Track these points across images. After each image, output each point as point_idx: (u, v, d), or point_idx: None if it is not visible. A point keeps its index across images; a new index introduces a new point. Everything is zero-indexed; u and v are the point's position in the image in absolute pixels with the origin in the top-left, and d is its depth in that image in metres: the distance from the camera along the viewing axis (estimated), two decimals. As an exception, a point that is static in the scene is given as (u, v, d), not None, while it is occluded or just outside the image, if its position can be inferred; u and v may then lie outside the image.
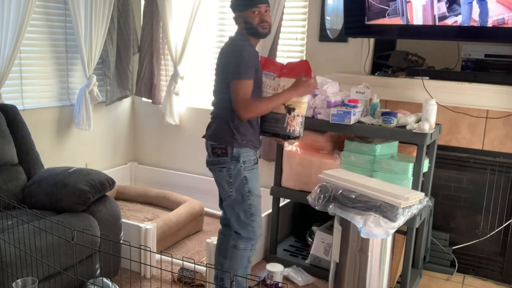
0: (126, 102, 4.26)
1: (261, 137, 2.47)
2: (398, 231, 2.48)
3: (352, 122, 2.61)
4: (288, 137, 2.34)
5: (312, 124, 2.78)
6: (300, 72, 2.30)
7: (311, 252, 2.95)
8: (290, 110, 2.28)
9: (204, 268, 2.67)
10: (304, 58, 3.49)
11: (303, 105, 2.32)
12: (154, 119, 4.24)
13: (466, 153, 2.97)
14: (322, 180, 2.41)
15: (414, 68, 3.05)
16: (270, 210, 3.06)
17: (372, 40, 3.22)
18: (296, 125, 2.31)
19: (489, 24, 2.61)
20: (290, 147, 2.98)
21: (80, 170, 2.69)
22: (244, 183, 2.27)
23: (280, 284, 2.66)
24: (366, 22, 2.94)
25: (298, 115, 2.30)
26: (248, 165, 2.28)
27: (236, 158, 2.25)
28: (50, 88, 3.55)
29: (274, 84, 2.34)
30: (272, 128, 2.34)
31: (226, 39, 2.35)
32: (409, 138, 2.52)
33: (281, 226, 3.18)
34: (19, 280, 1.53)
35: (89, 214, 2.51)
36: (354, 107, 2.65)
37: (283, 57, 3.56)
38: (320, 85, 2.74)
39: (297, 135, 2.34)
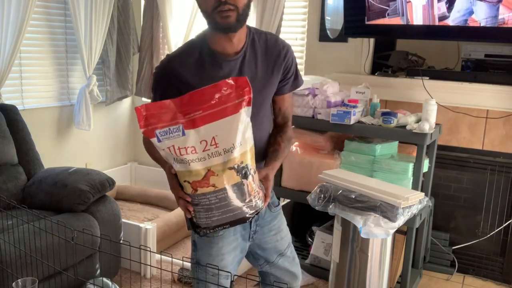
0: (126, 102, 4.26)
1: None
2: (398, 231, 2.48)
3: (352, 122, 2.61)
4: (256, 213, 1.38)
5: (312, 124, 2.78)
6: (226, 100, 1.25)
7: (311, 252, 2.95)
8: (245, 172, 1.29)
9: (204, 268, 2.67)
10: (304, 58, 3.50)
11: (251, 153, 1.33)
12: (154, 119, 4.24)
13: (466, 153, 2.97)
14: (322, 180, 2.41)
15: (414, 68, 3.05)
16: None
17: (372, 40, 3.22)
18: (257, 187, 1.36)
19: (489, 24, 2.61)
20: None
21: (80, 170, 2.69)
22: (192, 249, 1.65)
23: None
24: (366, 22, 2.94)
25: (255, 172, 1.34)
26: None
27: None
28: (50, 88, 3.54)
29: (192, 142, 1.25)
30: (227, 216, 1.32)
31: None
32: (409, 138, 2.52)
33: (281, 226, 3.17)
34: (19, 280, 1.53)
35: (89, 214, 2.51)
36: (354, 107, 2.65)
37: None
38: (320, 85, 2.74)
39: (262, 204, 1.38)
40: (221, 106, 1.24)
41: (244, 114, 1.27)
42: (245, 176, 1.29)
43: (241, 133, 1.27)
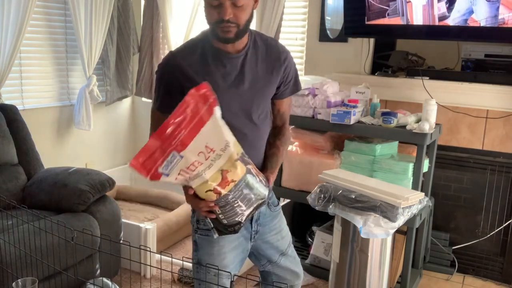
0: (126, 102, 4.26)
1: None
2: (398, 231, 2.48)
3: (352, 122, 2.61)
4: (267, 201, 1.51)
5: (312, 124, 2.78)
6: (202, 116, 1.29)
7: (311, 252, 2.95)
8: (246, 159, 1.41)
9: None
10: (304, 58, 3.50)
11: (236, 141, 1.38)
12: (154, 119, 4.24)
13: (466, 153, 2.96)
14: (322, 180, 2.41)
15: (414, 68, 3.05)
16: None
17: (372, 40, 3.22)
18: (257, 170, 1.45)
19: (489, 24, 2.61)
20: (290, 147, 2.98)
21: (80, 170, 2.69)
22: (193, 249, 1.66)
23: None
24: (366, 22, 2.94)
25: (244, 155, 1.41)
26: (202, 228, 1.59)
27: (193, 211, 1.63)
28: (50, 88, 3.54)
29: (192, 158, 1.31)
30: (252, 201, 1.43)
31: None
32: (409, 138, 2.52)
33: (281, 226, 3.17)
34: (19, 280, 1.53)
35: (89, 214, 2.51)
36: (354, 107, 2.65)
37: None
38: (320, 85, 2.74)
39: (266, 190, 1.47)
40: (196, 118, 1.29)
41: (218, 113, 1.33)
42: (247, 163, 1.38)
43: (225, 129, 1.34)
